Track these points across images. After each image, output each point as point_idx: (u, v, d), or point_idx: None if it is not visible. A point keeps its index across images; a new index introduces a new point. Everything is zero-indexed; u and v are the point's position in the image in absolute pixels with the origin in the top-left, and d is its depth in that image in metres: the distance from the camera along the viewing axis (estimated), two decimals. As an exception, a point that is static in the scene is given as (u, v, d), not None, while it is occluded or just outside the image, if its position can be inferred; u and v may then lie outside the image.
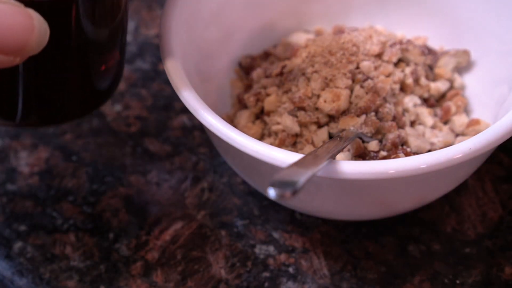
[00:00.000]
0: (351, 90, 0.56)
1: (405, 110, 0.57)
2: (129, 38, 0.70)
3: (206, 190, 0.60)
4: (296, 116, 0.56)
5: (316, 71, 0.56)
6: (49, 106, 0.49)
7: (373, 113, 0.55)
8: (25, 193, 0.60)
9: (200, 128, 0.64)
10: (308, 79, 0.56)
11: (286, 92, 0.57)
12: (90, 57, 0.48)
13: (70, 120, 0.50)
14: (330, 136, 0.56)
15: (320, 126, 0.56)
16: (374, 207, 0.54)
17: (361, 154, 0.54)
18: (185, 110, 0.64)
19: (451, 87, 0.61)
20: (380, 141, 0.55)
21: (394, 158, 0.54)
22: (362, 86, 0.56)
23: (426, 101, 0.59)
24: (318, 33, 0.63)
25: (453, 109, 0.59)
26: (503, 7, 0.59)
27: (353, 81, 0.56)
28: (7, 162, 0.62)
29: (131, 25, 0.71)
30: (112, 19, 0.48)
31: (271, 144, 0.56)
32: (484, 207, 0.58)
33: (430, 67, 0.61)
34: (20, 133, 0.64)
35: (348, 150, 0.54)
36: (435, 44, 0.63)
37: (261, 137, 0.58)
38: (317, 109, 0.56)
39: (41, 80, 0.47)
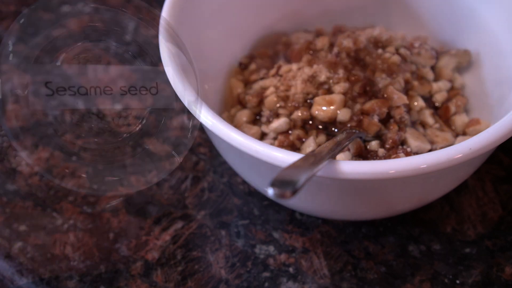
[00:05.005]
0: (350, 93, 0.56)
1: (406, 110, 0.57)
2: (129, 38, 0.70)
3: (206, 190, 0.60)
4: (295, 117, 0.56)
5: (316, 72, 0.56)
6: None
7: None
8: (25, 193, 0.60)
9: (200, 128, 0.64)
10: (308, 80, 0.56)
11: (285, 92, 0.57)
12: None
13: None
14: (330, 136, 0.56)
15: (318, 128, 0.56)
16: (374, 207, 0.54)
17: (361, 154, 0.54)
18: (185, 110, 0.64)
19: (452, 87, 0.61)
20: (380, 141, 0.55)
21: (394, 158, 0.54)
22: (362, 88, 0.56)
23: (426, 101, 0.59)
24: (318, 33, 0.63)
25: (453, 109, 0.59)
26: (503, 8, 0.59)
27: (353, 83, 0.56)
28: (7, 162, 0.62)
29: (131, 25, 0.71)
30: None
31: (271, 144, 0.56)
32: (484, 207, 0.58)
33: (431, 67, 0.61)
34: (20, 133, 0.64)
35: (348, 150, 0.54)
36: (435, 44, 0.63)
37: (261, 137, 0.58)
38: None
39: None
